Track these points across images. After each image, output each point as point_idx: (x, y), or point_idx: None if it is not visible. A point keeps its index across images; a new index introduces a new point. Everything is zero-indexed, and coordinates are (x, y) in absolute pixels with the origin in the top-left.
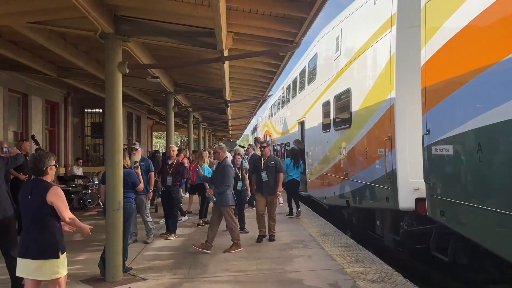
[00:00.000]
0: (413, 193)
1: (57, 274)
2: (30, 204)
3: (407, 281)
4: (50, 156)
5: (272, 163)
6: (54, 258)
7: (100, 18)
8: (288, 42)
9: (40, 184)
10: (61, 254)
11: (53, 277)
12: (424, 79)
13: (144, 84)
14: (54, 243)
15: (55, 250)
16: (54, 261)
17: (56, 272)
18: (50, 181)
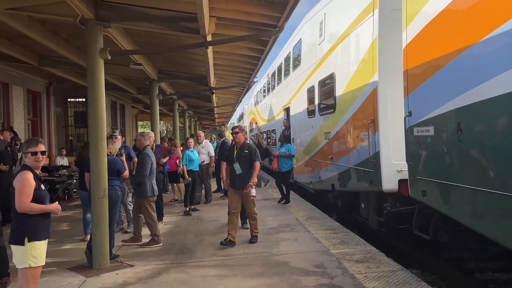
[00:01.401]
0: (396, 175)
1: (24, 263)
2: (12, 193)
3: (391, 260)
4: (34, 143)
5: (245, 152)
6: (19, 245)
7: (79, 3)
8: (271, 26)
9: (20, 170)
10: (27, 242)
11: (21, 266)
12: (405, 62)
13: (128, 72)
14: (19, 229)
15: (21, 236)
16: (20, 248)
17: (23, 261)
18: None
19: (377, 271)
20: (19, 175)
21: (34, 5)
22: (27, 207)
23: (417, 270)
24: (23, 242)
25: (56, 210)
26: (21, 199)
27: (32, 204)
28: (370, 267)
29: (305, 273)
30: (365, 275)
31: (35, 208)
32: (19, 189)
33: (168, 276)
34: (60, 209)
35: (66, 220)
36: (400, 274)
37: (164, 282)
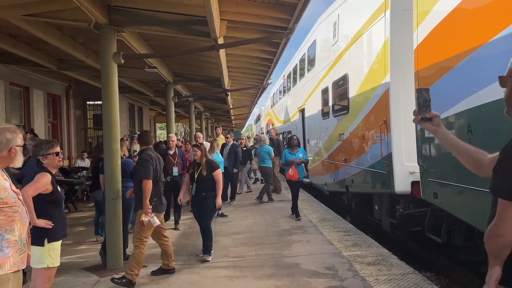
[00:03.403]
0: (409, 177)
1: (42, 264)
2: None
3: (403, 263)
4: (52, 144)
5: None
6: (39, 245)
7: (93, 8)
8: (282, 28)
9: (37, 170)
10: (47, 243)
11: (39, 266)
12: (416, 63)
13: (144, 75)
14: (41, 230)
15: (42, 237)
16: (40, 248)
17: (41, 261)
18: (53, 169)
19: (388, 274)
20: (42, 175)
21: (49, 11)
22: (27, 197)
23: (430, 273)
24: (43, 243)
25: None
26: (28, 189)
27: (31, 201)
28: (381, 269)
29: (315, 275)
30: (375, 278)
31: (30, 206)
32: (34, 183)
33: (179, 276)
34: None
35: (82, 220)
36: (411, 277)
37: (175, 282)
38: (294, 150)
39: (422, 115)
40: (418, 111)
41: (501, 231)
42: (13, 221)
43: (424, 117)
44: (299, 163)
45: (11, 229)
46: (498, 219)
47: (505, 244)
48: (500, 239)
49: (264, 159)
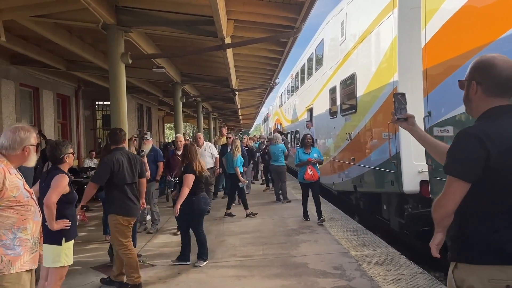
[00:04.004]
0: (417, 176)
1: (58, 262)
2: (43, 191)
3: (411, 262)
4: (67, 145)
5: None
6: (57, 244)
7: (100, 9)
8: (289, 27)
9: (53, 172)
10: (64, 242)
11: (54, 265)
12: (425, 61)
13: (152, 75)
14: (58, 230)
15: (59, 236)
16: (57, 247)
17: (57, 260)
18: (67, 169)
19: (397, 274)
20: (57, 176)
21: (58, 12)
22: (52, 204)
23: (439, 273)
24: (61, 242)
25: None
26: (53, 196)
27: (55, 207)
28: (389, 269)
29: (323, 275)
30: (384, 278)
31: (53, 212)
32: (55, 187)
33: (187, 276)
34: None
35: (92, 220)
36: (420, 277)
37: (183, 282)
38: (308, 149)
39: (399, 116)
40: (395, 112)
41: (444, 202)
42: (26, 220)
43: (400, 117)
44: (315, 163)
45: (23, 228)
46: (443, 193)
47: (446, 214)
48: (442, 209)
49: (278, 158)
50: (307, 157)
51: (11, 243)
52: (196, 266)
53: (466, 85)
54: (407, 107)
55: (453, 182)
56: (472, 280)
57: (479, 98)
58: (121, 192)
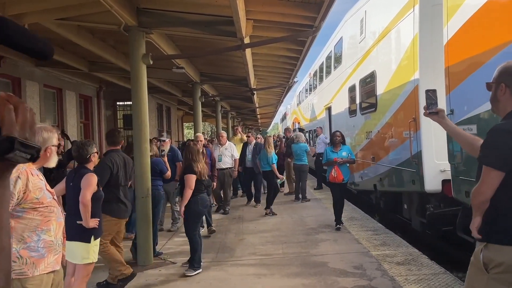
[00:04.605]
0: (439, 175)
1: (87, 259)
2: (71, 190)
3: (433, 263)
4: (92, 144)
5: None
6: (86, 242)
7: (122, 11)
8: (308, 26)
9: (80, 171)
10: (93, 239)
11: (82, 262)
12: (447, 58)
13: (171, 75)
14: (87, 228)
15: (88, 234)
16: (85, 245)
17: (85, 257)
18: (92, 168)
19: (418, 274)
20: (88, 176)
21: (81, 15)
22: (88, 202)
23: (462, 274)
24: (89, 239)
25: (91, 225)
26: (87, 194)
27: (90, 204)
28: (411, 269)
29: (343, 274)
30: (405, 278)
31: (89, 210)
32: (88, 186)
33: (207, 273)
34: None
35: None
36: (442, 278)
37: (203, 279)
38: (337, 147)
39: (430, 110)
40: (427, 107)
41: (483, 189)
42: (49, 221)
43: (431, 111)
44: (342, 163)
45: (47, 229)
46: (481, 181)
47: (484, 200)
48: (481, 196)
49: (300, 157)
50: (334, 156)
51: (35, 245)
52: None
53: (494, 87)
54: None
55: (490, 171)
56: (501, 258)
57: (507, 99)
58: (114, 193)
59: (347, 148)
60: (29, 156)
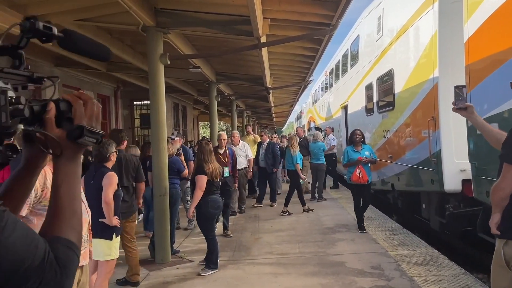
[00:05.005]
0: (459, 174)
1: (109, 256)
2: (92, 188)
3: (453, 263)
4: (112, 144)
5: None
6: (108, 239)
7: (141, 12)
8: (325, 25)
9: (100, 169)
10: (115, 237)
11: (104, 258)
12: (467, 56)
13: (188, 75)
14: (109, 225)
15: (111, 232)
16: (107, 242)
17: (107, 253)
18: (111, 166)
19: (438, 275)
20: (109, 174)
21: (100, 15)
22: (111, 200)
23: (483, 275)
24: (111, 236)
25: (114, 223)
26: (110, 193)
27: (112, 202)
28: (430, 270)
29: (361, 274)
30: (424, 278)
31: (112, 208)
32: (109, 184)
33: (224, 272)
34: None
35: None
36: (462, 278)
37: (220, 278)
38: (358, 147)
39: (458, 106)
40: (455, 102)
41: (502, 186)
42: None
43: (460, 107)
44: (366, 162)
45: None
46: (502, 177)
47: (504, 196)
48: (501, 192)
49: (318, 156)
50: (357, 155)
51: None
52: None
53: None
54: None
55: (511, 168)
56: None
57: None
58: None
59: (368, 147)
60: (95, 140)
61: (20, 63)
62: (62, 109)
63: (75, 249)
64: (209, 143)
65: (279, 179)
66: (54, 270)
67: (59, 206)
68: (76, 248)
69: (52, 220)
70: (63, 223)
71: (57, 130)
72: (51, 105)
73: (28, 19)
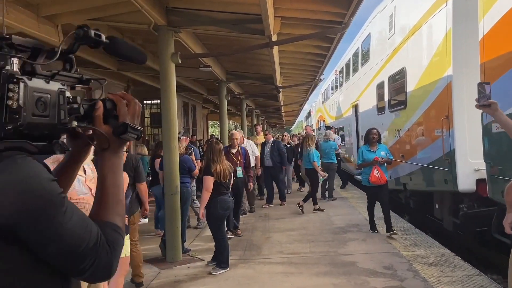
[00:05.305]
0: (473, 174)
1: (127, 252)
2: None
3: (467, 264)
4: None
5: None
6: None
7: (152, 11)
8: (336, 23)
9: None
10: (125, 234)
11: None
12: (482, 54)
13: (198, 74)
14: None
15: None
16: None
17: (124, 251)
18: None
19: (452, 275)
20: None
21: (112, 15)
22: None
23: (497, 276)
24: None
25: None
26: None
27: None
28: (444, 270)
29: (373, 274)
30: (438, 279)
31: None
32: None
33: (235, 271)
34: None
35: None
36: (477, 279)
37: (232, 277)
38: (374, 146)
39: (481, 103)
40: (478, 99)
41: None
42: None
43: (483, 104)
44: (382, 163)
45: None
46: None
47: None
48: None
49: (329, 155)
50: (372, 155)
51: None
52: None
53: None
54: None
55: None
56: None
57: None
58: None
59: (384, 147)
60: (136, 136)
61: (71, 66)
62: (108, 107)
63: (121, 232)
64: (219, 143)
65: (290, 180)
66: (106, 251)
67: (106, 194)
68: (122, 232)
69: (100, 207)
70: (109, 209)
71: (104, 126)
72: (100, 104)
73: (81, 28)
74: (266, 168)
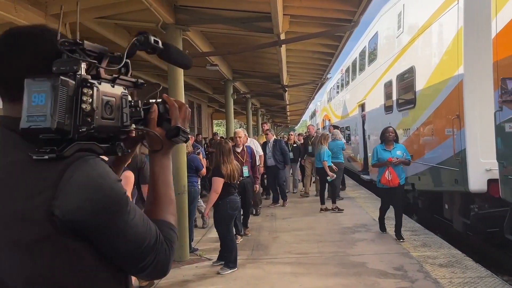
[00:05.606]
0: (485, 174)
1: None
2: None
3: (479, 265)
4: None
5: None
6: None
7: (161, 9)
8: (346, 21)
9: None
10: None
11: None
12: (495, 52)
13: (204, 73)
14: None
15: None
16: None
17: None
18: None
19: (463, 277)
20: (127, 174)
21: (120, 13)
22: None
23: (508, 277)
24: None
25: None
26: (127, 192)
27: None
28: (455, 272)
29: (384, 275)
30: (449, 280)
31: None
32: (127, 184)
33: (244, 271)
34: None
35: None
36: (489, 281)
37: (240, 277)
38: (390, 146)
39: (505, 98)
40: (502, 95)
41: None
42: None
43: (506, 99)
44: (397, 163)
45: None
46: None
47: None
48: None
49: (337, 154)
50: (387, 155)
51: None
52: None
53: None
54: None
55: None
56: None
57: None
58: None
59: (402, 146)
60: (185, 139)
61: (127, 70)
62: (161, 111)
63: (176, 230)
64: (228, 142)
65: (296, 179)
66: (164, 248)
67: (159, 193)
68: (176, 230)
69: (154, 206)
70: (164, 208)
71: (158, 128)
72: (155, 107)
73: (142, 34)
74: (268, 168)
